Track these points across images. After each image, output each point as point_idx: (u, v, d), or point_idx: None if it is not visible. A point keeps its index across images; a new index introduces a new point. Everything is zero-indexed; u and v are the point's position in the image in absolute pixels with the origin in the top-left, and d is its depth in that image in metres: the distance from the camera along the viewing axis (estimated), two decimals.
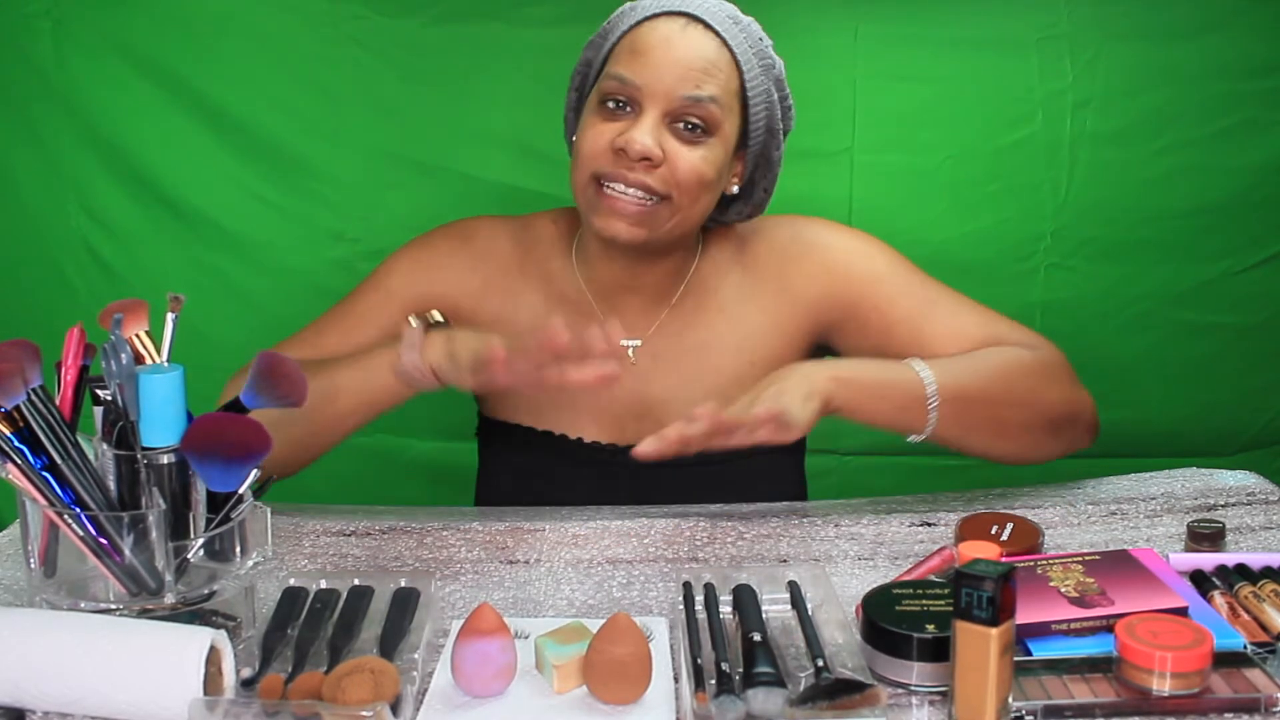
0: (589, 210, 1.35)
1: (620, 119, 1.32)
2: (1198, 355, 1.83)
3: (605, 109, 1.33)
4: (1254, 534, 1.28)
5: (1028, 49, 1.72)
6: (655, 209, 1.33)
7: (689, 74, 1.30)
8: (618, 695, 0.96)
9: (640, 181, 1.31)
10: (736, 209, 1.44)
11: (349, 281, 1.76)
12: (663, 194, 1.32)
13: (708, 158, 1.33)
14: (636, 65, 1.31)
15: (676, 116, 1.31)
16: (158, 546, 1.01)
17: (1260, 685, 0.95)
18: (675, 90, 1.30)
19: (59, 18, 1.70)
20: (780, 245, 1.46)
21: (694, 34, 1.32)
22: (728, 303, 1.45)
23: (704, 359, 1.44)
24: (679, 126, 1.32)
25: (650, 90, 1.31)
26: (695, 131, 1.32)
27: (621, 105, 1.32)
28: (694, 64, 1.31)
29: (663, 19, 1.33)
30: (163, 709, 0.92)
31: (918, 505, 1.39)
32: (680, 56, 1.31)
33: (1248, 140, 1.75)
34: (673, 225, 1.34)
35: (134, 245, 1.77)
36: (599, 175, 1.32)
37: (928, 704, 0.98)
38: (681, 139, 1.32)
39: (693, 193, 1.33)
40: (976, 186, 1.76)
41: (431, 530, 1.32)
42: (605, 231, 1.33)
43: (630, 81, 1.31)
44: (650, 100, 1.31)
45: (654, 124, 1.31)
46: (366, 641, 1.03)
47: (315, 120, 1.73)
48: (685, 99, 1.30)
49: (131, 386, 1.02)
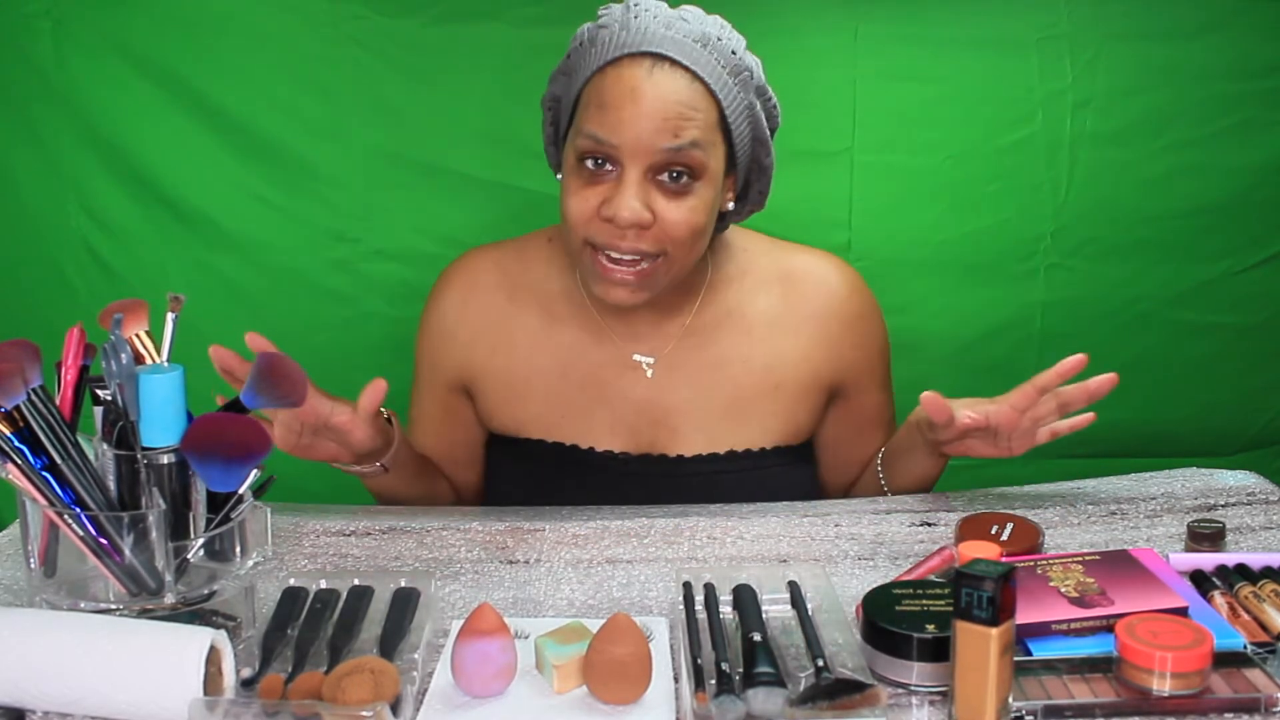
0: (588, 277, 1.35)
1: (603, 180, 1.29)
2: (1198, 355, 1.83)
3: (585, 169, 1.29)
4: (1254, 534, 1.28)
5: (1028, 49, 1.72)
6: (653, 268, 1.31)
7: (665, 123, 1.25)
8: (618, 695, 0.96)
9: (634, 248, 1.29)
10: (736, 211, 1.43)
11: (349, 282, 1.77)
12: (657, 253, 1.30)
13: (698, 206, 1.29)
14: (609, 122, 1.26)
15: (659, 169, 1.27)
16: (158, 546, 1.01)
17: (1260, 685, 0.95)
18: (655, 143, 1.25)
19: (59, 18, 1.70)
20: (835, 295, 1.46)
21: (662, 77, 1.26)
22: (759, 323, 1.45)
23: (723, 373, 1.44)
24: (663, 179, 1.28)
25: (628, 148, 1.26)
26: (681, 180, 1.28)
27: (600, 163, 1.28)
28: (668, 112, 1.25)
29: (626, 63, 1.26)
30: (163, 709, 0.92)
31: (918, 505, 1.39)
32: (653, 106, 1.25)
33: (1248, 140, 1.75)
34: (672, 275, 1.34)
35: (134, 245, 1.77)
36: (590, 242, 1.31)
37: (928, 704, 0.97)
38: (668, 192, 1.28)
39: (687, 244, 1.31)
40: (976, 186, 1.76)
41: (431, 530, 1.32)
42: (607, 299, 1.33)
43: (605, 140, 1.26)
44: (630, 158, 1.26)
45: (637, 184, 1.27)
46: (366, 641, 1.03)
47: (315, 120, 1.73)
48: (666, 150, 1.26)
49: (131, 386, 1.02)
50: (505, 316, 1.46)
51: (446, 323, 1.48)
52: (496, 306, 1.47)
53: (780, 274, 1.46)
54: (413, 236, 1.77)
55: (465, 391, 1.50)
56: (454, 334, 1.48)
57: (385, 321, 1.78)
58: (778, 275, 1.46)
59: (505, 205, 1.74)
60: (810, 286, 1.46)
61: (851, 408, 1.50)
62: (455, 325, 1.48)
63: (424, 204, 1.76)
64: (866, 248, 1.73)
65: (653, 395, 1.44)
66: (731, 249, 1.48)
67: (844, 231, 1.75)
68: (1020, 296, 1.79)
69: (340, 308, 1.78)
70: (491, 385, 1.47)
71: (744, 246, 1.48)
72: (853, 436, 1.51)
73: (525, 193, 1.73)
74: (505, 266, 1.48)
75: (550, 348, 1.45)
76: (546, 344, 1.45)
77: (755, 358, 1.44)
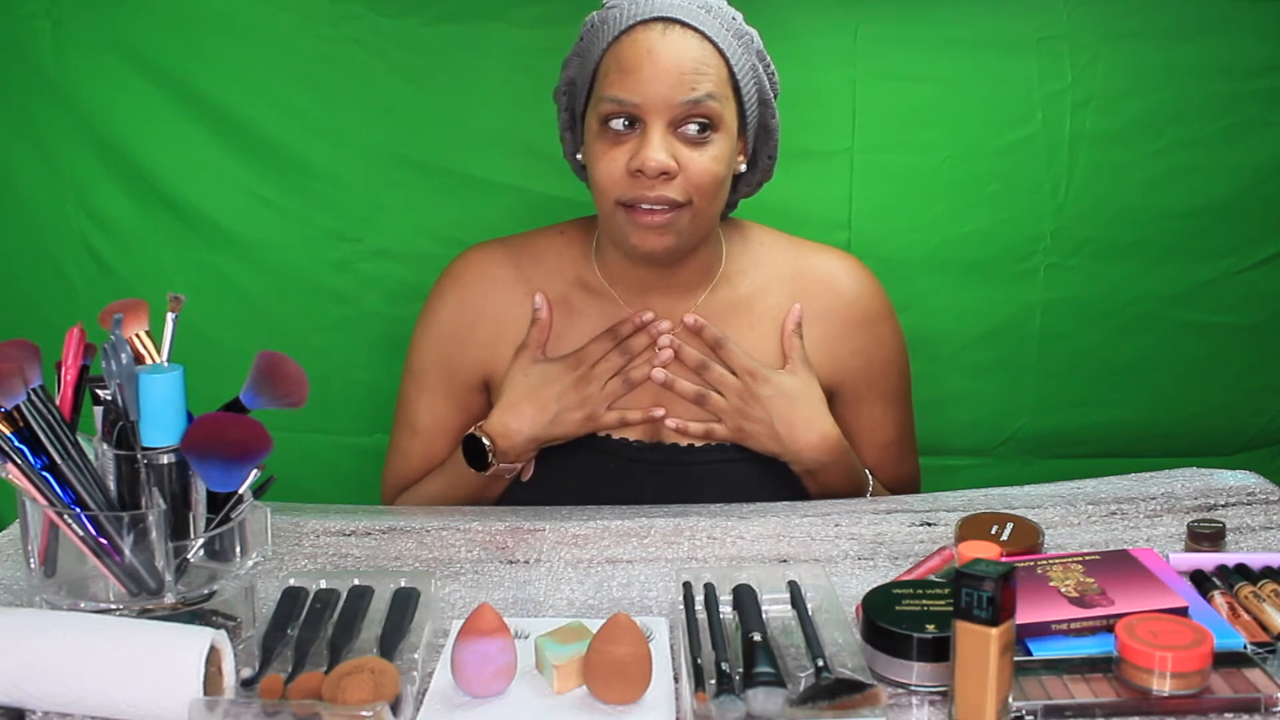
0: (621, 234, 1.37)
1: (627, 140, 1.34)
2: (1198, 355, 1.83)
3: (609, 131, 1.34)
4: (1254, 534, 1.28)
5: (1027, 49, 1.72)
6: (677, 215, 1.34)
7: (682, 78, 1.31)
8: (618, 695, 0.96)
9: (661, 196, 1.33)
10: (746, 180, 1.45)
11: (349, 282, 1.77)
12: (683, 201, 1.34)
13: (718, 156, 1.34)
14: (629, 83, 1.32)
15: (681, 122, 1.32)
16: (158, 546, 1.01)
17: (1260, 685, 0.96)
18: (674, 98, 1.31)
19: (59, 18, 1.70)
20: (843, 296, 1.48)
21: (675, 36, 1.32)
22: (767, 317, 1.46)
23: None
24: (686, 131, 1.33)
25: (650, 105, 1.31)
26: (703, 132, 1.33)
27: (624, 124, 1.33)
28: (684, 67, 1.31)
29: (640, 29, 1.33)
30: (163, 709, 0.92)
31: (918, 505, 1.39)
32: (669, 64, 1.31)
33: (1248, 140, 1.75)
34: (696, 225, 1.36)
35: (134, 245, 1.77)
36: (623, 201, 1.34)
37: (928, 704, 0.98)
38: (690, 143, 1.33)
39: (710, 193, 1.35)
40: (976, 186, 1.76)
41: (431, 530, 1.32)
42: (641, 247, 1.36)
43: (627, 101, 1.32)
44: (652, 114, 1.32)
45: (662, 136, 1.32)
46: (366, 641, 1.03)
47: (315, 120, 1.73)
48: (685, 103, 1.31)
49: (131, 386, 1.02)
50: (524, 309, 1.47)
51: (462, 320, 1.48)
52: (514, 300, 1.47)
53: (794, 272, 1.48)
54: (413, 236, 1.77)
55: (484, 388, 1.50)
56: (471, 330, 1.48)
57: (385, 321, 1.78)
58: (791, 273, 1.48)
59: (506, 205, 1.74)
60: (820, 285, 1.47)
61: (845, 417, 1.49)
62: (473, 321, 1.48)
63: (424, 204, 1.76)
64: (866, 248, 1.72)
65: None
66: (748, 241, 1.49)
67: (844, 231, 1.75)
68: (1020, 296, 1.79)
69: (340, 308, 1.78)
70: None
71: (761, 241, 1.50)
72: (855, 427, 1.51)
73: (526, 192, 1.73)
74: (517, 259, 1.49)
75: (570, 336, 1.46)
76: (566, 332, 1.46)
77: (761, 350, 1.45)
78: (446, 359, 1.50)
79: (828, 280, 1.48)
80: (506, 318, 1.47)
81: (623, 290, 1.46)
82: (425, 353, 1.51)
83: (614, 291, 1.46)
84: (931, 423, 1.60)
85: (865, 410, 1.50)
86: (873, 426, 1.51)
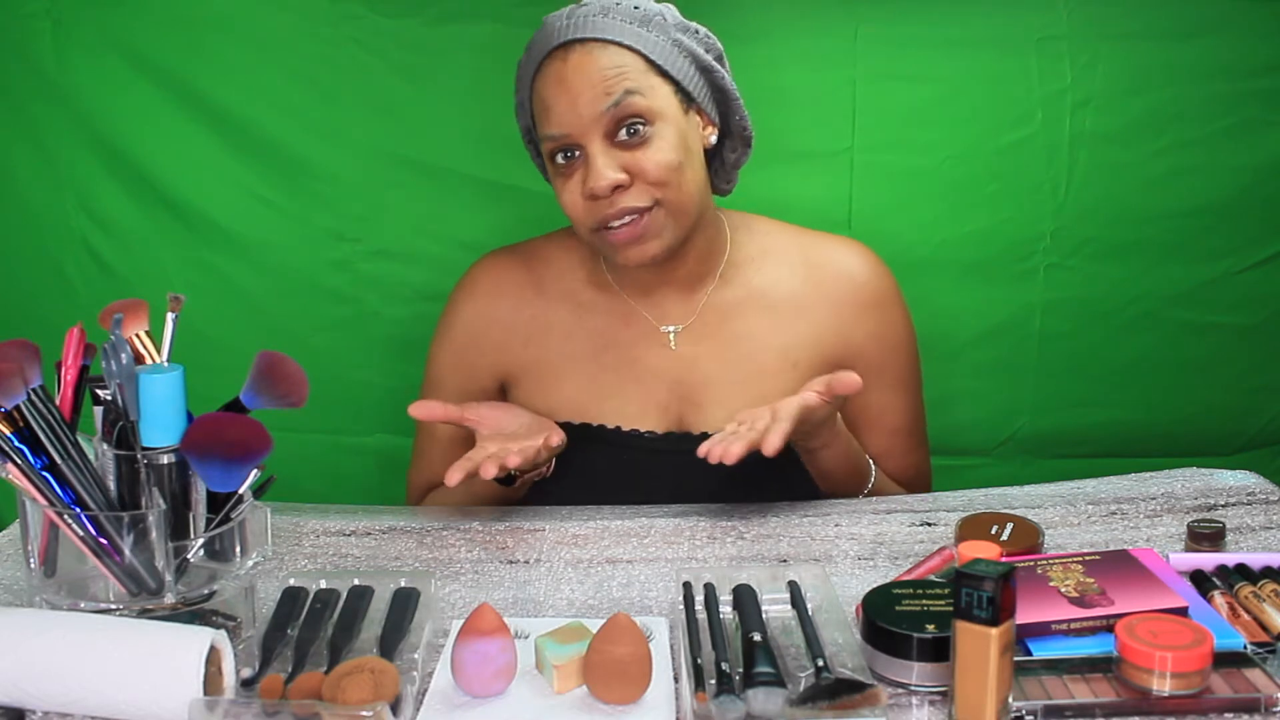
0: (607, 254, 1.40)
1: (575, 169, 1.36)
2: (1198, 355, 1.83)
3: (559, 165, 1.36)
4: (1254, 534, 1.28)
5: (1027, 49, 1.72)
6: (650, 219, 1.35)
7: (595, 93, 1.32)
8: (618, 695, 0.96)
9: (623, 208, 1.34)
10: (729, 147, 1.45)
11: (349, 282, 1.77)
12: (648, 205, 1.34)
13: (662, 145, 1.34)
14: (554, 117, 1.34)
15: (613, 132, 1.33)
16: (158, 546, 1.01)
17: (1260, 685, 0.95)
18: (593, 112, 1.32)
19: (59, 18, 1.70)
20: (854, 279, 1.48)
21: (578, 58, 1.33)
22: (779, 304, 1.47)
23: (743, 349, 1.46)
24: (622, 137, 1.33)
25: (578, 129, 1.33)
26: (636, 133, 1.33)
27: (568, 155, 1.35)
28: (594, 81, 1.32)
29: (546, 63, 1.35)
30: (163, 709, 0.92)
31: (918, 505, 1.39)
32: (581, 85, 1.33)
33: (1248, 140, 1.75)
34: (677, 217, 1.37)
35: (134, 245, 1.77)
36: (594, 227, 1.36)
37: (928, 704, 0.98)
38: (629, 146, 1.34)
39: (672, 183, 1.35)
40: (976, 186, 1.76)
41: (431, 530, 1.32)
42: (629, 263, 1.38)
43: (558, 134, 1.34)
44: (584, 137, 1.33)
45: (603, 154, 1.33)
46: (366, 641, 1.03)
47: (315, 120, 1.73)
48: (607, 111, 1.32)
49: (131, 386, 1.02)
50: (537, 310, 1.49)
51: (478, 325, 1.50)
52: (527, 301, 1.49)
53: (803, 257, 1.49)
54: (413, 236, 1.77)
55: (501, 390, 1.52)
56: (486, 335, 1.50)
57: (385, 321, 1.78)
58: (801, 258, 1.49)
59: (506, 205, 1.74)
60: (831, 269, 1.48)
61: (855, 403, 1.47)
62: (487, 326, 1.50)
63: (424, 204, 1.76)
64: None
65: (679, 371, 1.46)
66: (754, 231, 1.50)
67: (844, 231, 1.74)
68: (1020, 296, 1.79)
69: (340, 308, 1.78)
70: (527, 376, 1.50)
71: (767, 231, 1.51)
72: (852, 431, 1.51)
73: (526, 192, 1.73)
74: (529, 264, 1.51)
75: (582, 334, 1.48)
76: (578, 330, 1.48)
77: (774, 336, 1.46)
78: (463, 367, 1.51)
79: (838, 265, 1.49)
80: (519, 319, 1.49)
81: (630, 289, 1.48)
82: (443, 362, 1.53)
83: (622, 291, 1.48)
84: (932, 422, 1.60)
85: (874, 396, 1.49)
86: (881, 412, 1.51)
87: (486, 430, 1.39)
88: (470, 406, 1.40)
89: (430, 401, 1.40)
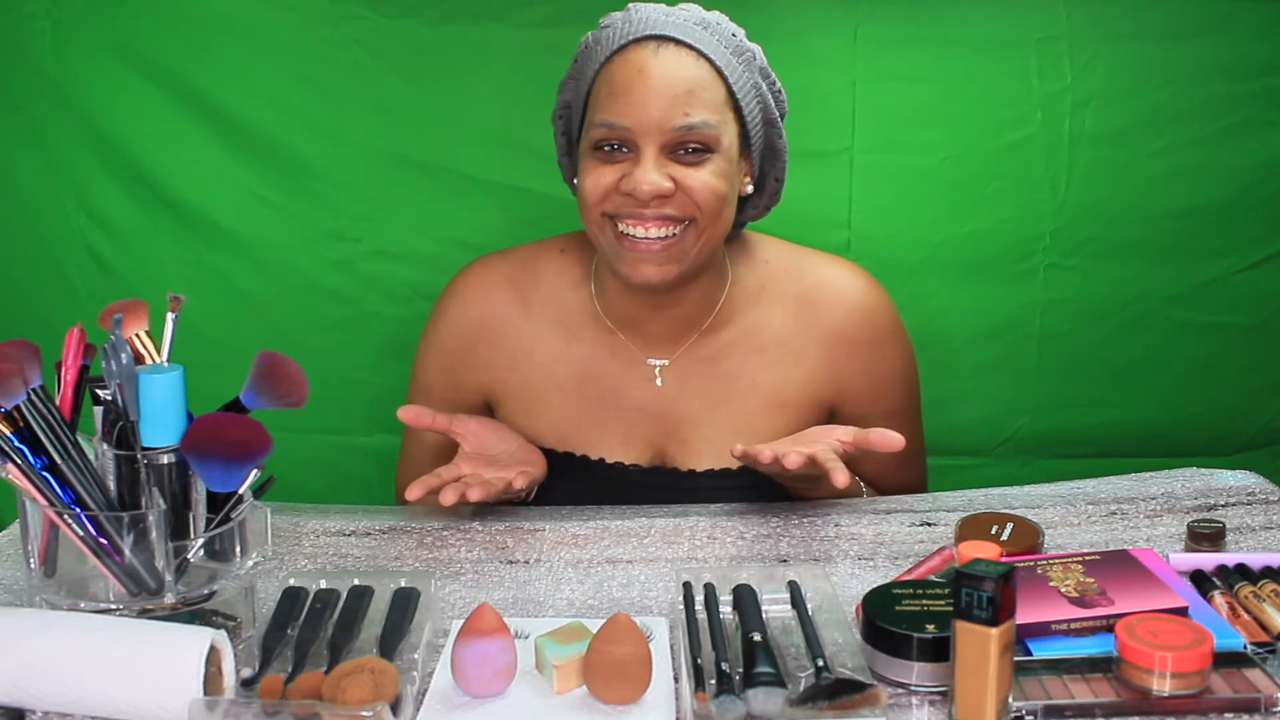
0: (613, 257, 1.34)
1: (619, 161, 1.31)
2: (1198, 355, 1.83)
3: (601, 153, 1.31)
4: (1254, 534, 1.28)
5: (1027, 49, 1.72)
6: (681, 238, 1.31)
7: (675, 102, 1.27)
8: (618, 695, 0.96)
9: (659, 216, 1.30)
10: (752, 203, 1.43)
11: (349, 282, 1.77)
12: (686, 218, 1.31)
13: (717, 172, 1.31)
14: (620, 106, 1.28)
15: (674, 146, 1.29)
16: (158, 546, 1.01)
17: (1260, 685, 0.96)
18: (666, 122, 1.28)
19: (59, 18, 1.70)
20: (850, 316, 1.44)
21: (668, 56, 1.29)
22: (770, 344, 1.44)
23: (732, 388, 1.43)
24: (680, 153, 1.30)
25: (641, 129, 1.28)
26: (697, 154, 1.30)
27: (617, 148, 1.31)
28: (677, 89, 1.28)
29: (632, 49, 1.29)
30: (163, 709, 0.92)
31: (918, 505, 1.39)
32: (661, 86, 1.28)
33: (1248, 140, 1.75)
34: (700, 248, 1.33)
35: (134, 245, 1.77)
36: (611, 214, 1.32)
37: (928, 704, 0.98)
38: (685, 163, 1.30)
39: (714, 211, 1.31)
40: (976, 186, 1.76)
41: (431, 530, 1.32)
42: (634, 278, 1.33)
43: (618, 125, 1.29)
44: (644, 138, 1.28)
45: (655, 160, 1.29)
46: (366, 641, 1.03)
47: (315, 120, 1.73)
48: (678, 129, 1.28)
49: (131, 386, 1.02)
50: (521, 333, 1.46)
51: (464, 338, 1.47)
52: (511, 323, 1.46)
53: (798, 291, 1.45)
54: (413, 237, 1.77)
55: (486, 406, 1.50)
56: (473, 350, 1.47)
57: (385, 321, 1.78)
58: (795, 293, 1.45)
59: (506, 205, 1.74)
60: (825, 306, 1.44)
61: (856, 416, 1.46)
62: (474, 342, 1.47)
63: (424, 204, 1.76)
64: (866, 248, 1.73)
65: (664, 406, 1.44)
66: (753, 260, 1.47)
67: (843, 231, 1.75)
68: (1020, 296, 1.79)
69: (340, 308, 1.78)
70: (512, 399, 1.47)
71: (765, 259, 1.47)
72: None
73: (526, 193, 1.73)
74: (515, 280, 1.47)
75: (567, 361, 1.45)
76: (563, 357, 1.45)
77: (763, 376, 1.43)
78: (450, 373, 1.49)
79: (834, 297, 1.45)
80: (503, 341, 1.46)
81: (619, 322, 1.44)
82: (430, 367, 1.51)
83: (611, 324, 1.44)
84: (932, 422, 1.60)
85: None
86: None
87: (470, 448, 1.37)
88: (460, 420, 1.38)
89: (420, 408, 1.37)
